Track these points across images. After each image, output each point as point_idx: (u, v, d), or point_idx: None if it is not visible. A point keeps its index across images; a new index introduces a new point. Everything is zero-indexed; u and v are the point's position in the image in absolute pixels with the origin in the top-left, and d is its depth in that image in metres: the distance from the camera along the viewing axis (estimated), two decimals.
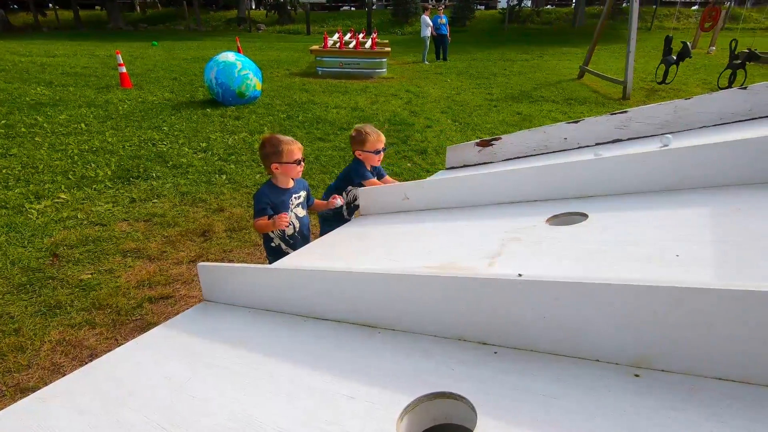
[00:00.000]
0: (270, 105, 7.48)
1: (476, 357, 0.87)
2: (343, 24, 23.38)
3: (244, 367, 1.06)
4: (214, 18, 29.49)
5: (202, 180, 4.41)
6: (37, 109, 6.78)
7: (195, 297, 2.68)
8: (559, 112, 7.40)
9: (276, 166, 2.14)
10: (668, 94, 8.48)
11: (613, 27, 20.95)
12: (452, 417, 0.80)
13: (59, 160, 4.77)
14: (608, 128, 2.39)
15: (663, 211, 1.37)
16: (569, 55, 14.98)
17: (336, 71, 10.69)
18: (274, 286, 1.34)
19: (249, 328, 1.28)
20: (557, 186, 1.72)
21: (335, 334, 1.11)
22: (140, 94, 8.10)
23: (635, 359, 0.73)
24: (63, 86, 8.61)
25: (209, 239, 3.34)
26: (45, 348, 2.21)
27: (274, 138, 2.16)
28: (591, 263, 1.11)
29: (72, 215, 3.62)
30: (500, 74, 11.20)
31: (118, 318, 2.44)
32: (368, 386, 0.86)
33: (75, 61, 12.01)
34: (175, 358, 1.19)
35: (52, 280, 2.76)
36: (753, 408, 0.61)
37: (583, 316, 0.76)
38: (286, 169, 2.15)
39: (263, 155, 2.18)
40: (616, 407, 0.66)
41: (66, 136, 5.58)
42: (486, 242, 1.46)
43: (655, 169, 1.50)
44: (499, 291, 0.85)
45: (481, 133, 6.21)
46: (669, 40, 8.98)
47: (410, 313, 1.02)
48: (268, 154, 2.14)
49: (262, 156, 2.20)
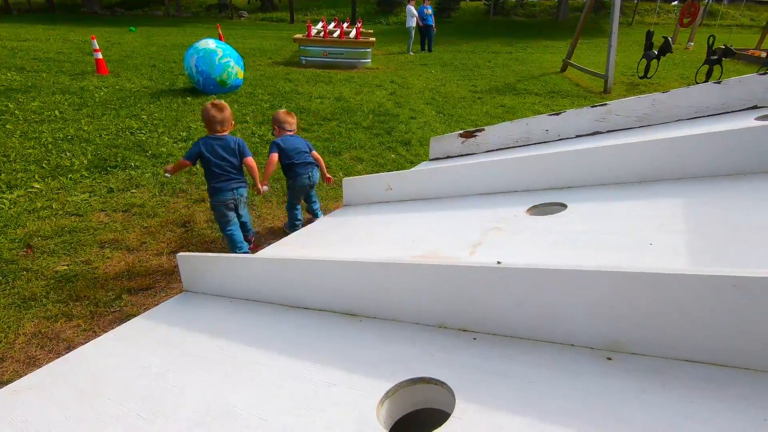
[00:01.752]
0: (252, 94, 7.35)
1: (456, 343, 0.88)
2: (327, 13, 23.05)
3: (224, 356, 1.06)
4: (194, 3, 28.70)
5: (183, 170, 4.32)
6: (7, 95, 6.52)
7: (175, 288, 2.64)
8: (542, 105, 7.47)
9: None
10: (648, 88, 8.63)
11: (596, 21, 21.17)
12: (432, 401, 0.81)
13: (32, 149, 4.61)
14: (588, 121, 2.43)
15: (639, 201, 1.40)
16: (552, 48, 15.09)
17: (320, 60, 10.55)
18: (255, 276, 1.33)
19: (230, 318, 1.27)
20: (538, 177, 1.74)
21: (317, 323, 1.12)
22: (117, 82, 7.86)
23: (608, 343, 0.75)
24: (35, 72, 8.29)
25: (190, 230, 3.29)
26: (20, 341, 2.15)
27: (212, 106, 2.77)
28: (568, 251, 1.13)
29: (47, 205, 3.51)
30: (485, 66, 11.22)
31: (96, 310, 2.39)
32: (349, 373, 0.87)
33: (48, 46, 11.56)
34: (154, 349, 1.17)
35: (26, 271, 2.68)
36: (722, 389, 0.64)
37: (559, 302, 0.78)
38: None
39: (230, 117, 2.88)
40: (590, 390, 0.68)
41: (39, 124, 5.39)
42: (467, 232, 1.48)
43: (632, 160, 1.53)
44: (478, 279, 0.87)
45: (465, 124, 6.23)
46: (650, 35, 9.11)
47: (392, 301, 1.02)
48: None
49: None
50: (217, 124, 2.62)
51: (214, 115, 2.60)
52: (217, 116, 2.61)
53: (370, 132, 5.68)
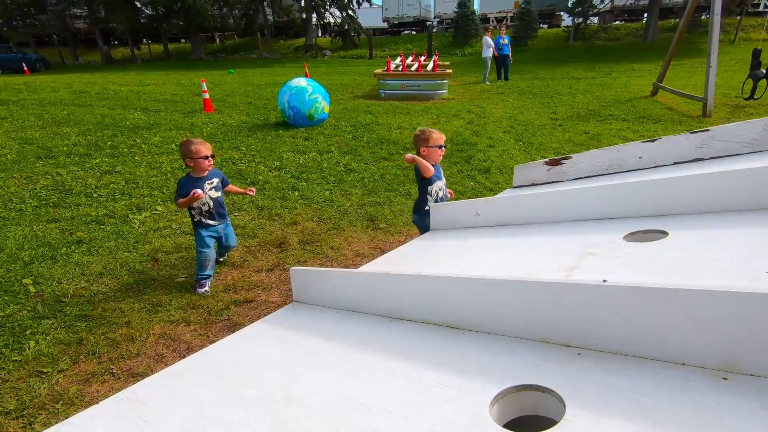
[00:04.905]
0: (337, 126, 7.88)
1: (561, 357, 0.93)
2: (404, 48, 24.06)
3: (339, 356, 1.20)
4: (283, 46, 31.58)
5: (277, 196, 4.75)
6: (135, 132, 7.66)
7: (274, 302, 2.90)
8: (631, 130, 7.10)
9: (189, 161, 2.88)
10: (757, 110, 7.84)
11: (690, 41, 19.71)
12: (539, 408, 0.87)
13: (155, 177, 5.37)
14: (688, 147, 2.33)
15: (750, 229, 1.34)
16: (640, 71, 14.31)
17: (398, 93, 11.02)
18: (361, 289, 1.48)
19: (338, 326, 1.42)
20: (634, 204, 1.72)
21: (421, 333, 1.22)
22: (220, 118, 8.87)
23: (723, 364, 0.77)
24: (156, 111, 9.65)
25: (285, 250, 3.60)
26: (150, 340, 2.51)
27: (187, 140, 2.91)
28: (673, 277, 1.13)
29: (167, 225, 4.06)
30: (565, 93, 10.95)
31: (209, 317, 2.71)
32: (458, 377, 0.96)
33: (165, 89, 13.40)
34: (277, 348, 1.35)
35: (153, 281, 3.13)
36: None
37: (668, 320, 0.81)
38: (196, 163, 2.88)
39: (181, 154, 2.97)
40: (705, 404, 0.71)
41: (160, 156, 6.26)
42: (561, 256, 1.51)
43: (741, 187, 1.48)
44: (583, 295, 0.92)
45: (546, 152, 6.12)
46: (757, 53, 8.34)
47: (493, 315, 1.10)
48: (183, 153, 2.92)
49: (181, 155, 2.99)
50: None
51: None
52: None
53: (448, 160, 5.81)
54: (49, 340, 2.49)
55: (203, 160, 2.87)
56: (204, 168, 2.91)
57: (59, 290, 3.01)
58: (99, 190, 4.93)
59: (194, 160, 2.86)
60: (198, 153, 2.84)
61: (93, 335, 2.54)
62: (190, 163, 2.87)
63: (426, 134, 2.75)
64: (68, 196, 4.73)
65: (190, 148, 2.84)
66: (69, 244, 3.66)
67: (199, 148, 2.85)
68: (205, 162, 2.88)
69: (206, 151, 2.88)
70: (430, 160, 2.75)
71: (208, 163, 2.90)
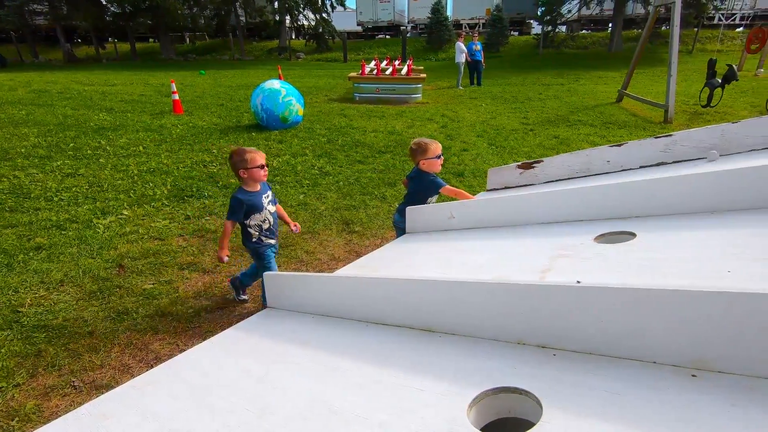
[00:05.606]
0: (311, 129, 7.81)
1: (537, 358, 0.94)
2: (378, 52, 24.14)
3: (315, 363, 1.17)
4: (256, 48, 31.13)
5: None
6: (100, 133, 7.37)
7: (246, 309, 2.83)
8: (598, 135, 7.34)
9: (243, 172, 2.50)
10: (713, 117, 8.26)
11: (652, 50, 20.62)
12: (516, 411, 0.87)
13: (121, 180, 5.17)
14: (652, 151, 2.42)
15: (713, 231, 1.40)
16: (606, 78, 14.84)
17: (373, 97, 11.04)
18: (336, 294, 1.46)
19: (314, 332, 1.40)
20: (603, 206, 1.77)
21: (397, 337, 1.21)
22: (191, 120, 8.64)
23: (693, 361, 0.79)
24: (122, 112, 9.31)
25: None
26: (115, 350, 2.40)
27: (239, 149, 2.53)
28: (642, 278, 1.16)
29: (134, 230, 3.91)
30: (535, 98, 11.23)
31: (178, 325, 2.62)
32: (435, 381, 0.95)
33: (132, 89, 12.97)
34: (249, 356, 1.31)
35: (119, 288, 2.99)
36: None
37: (639, 320, 0.83)
38: (251, 173, 2.50)
39: (232, 164, 2.54)
40: (676, 403, 0.72)
41: (126, 158, 6.04)
42: (535, 258, 1.53)
43: (704, 190, 1.54)
44: (558, 297, 0.93)
45: (518, 156, 6.24)
46: (713, 63, 8.79)
47: (470, 318, 1.10)
48: (235, 162, 2.50)
49: (232, 165, 2.55)
50: None
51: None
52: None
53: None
54: (3, 353, 2.35)
55: (259, 170, 2.51)
56: (259, 179, 2.56)
57: (15, 299, 2.84)
58: (60, 193, 4.71)
59: (249, 171, 2.49)
60: (253, 162, 2.49)
61: (52, 346, 2.41)
62: (243, 174, 2.50)
63: (423, 146, 2.68)
64: (26, 200, 4.49)
65: (245, 157, 2.47)
66: (27, 251, 3.47)
67: (255, 157, 2.50)
68: (260, 172, 2.53)
69: (261, 159, 2.53)
70: (431, 170, 2.72)
71: (263, 173, 2.55)
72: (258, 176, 2.53)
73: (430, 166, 2.71)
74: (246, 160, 2.48)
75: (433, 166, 2.73)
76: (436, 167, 2.74)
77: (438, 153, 2.71)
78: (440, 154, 2.74)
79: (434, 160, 2.72)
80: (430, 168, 2.72)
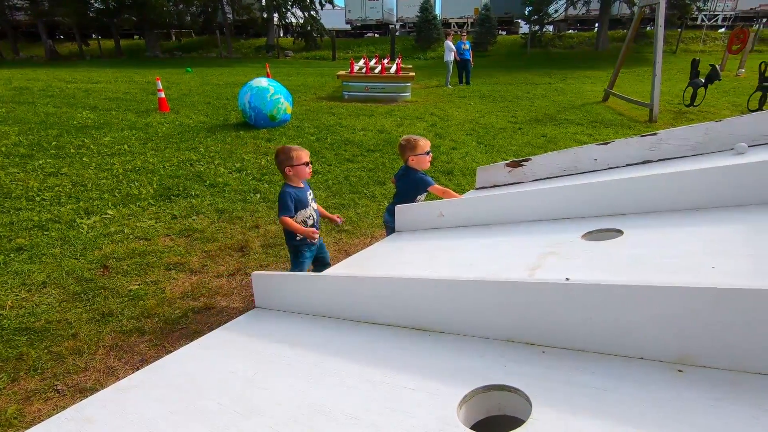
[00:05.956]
0: (300, 127, 7.76)
1: (526, 356, 0.94)
2: (367, 50, 24.09)
3: (305, 364, 1.16)
4: (244, 45, 30.83)
5: (238, 198, 4.61)
6: (83, 131, 7.23)
7: (235, 308, 2.80)
8: (585, 134, 7.42)
9: (289, 169, 2.53)
10: (697, 116, 8.41)
11: (638, 50, 20.92)
12: (506, 408, 0.87)
13: (106, 179, 5.08)
14: (638, 150, 2.45)
15: (698, 228, 1.42)
16: (593, 78, 15.02)
17: (362, 95, 11.01)
18: (326, 293, 1.44)
19: (303, 331, 1.38)
20: (591, 204, 1.79)
21: (388, 336, 1.20)
22: (177, 118, 8.53)
23: (678, 357, 0.79)
24: (106, 110, 9.15)
25: (246, 254, 3.49)
26: (100, 352, 2.35)
27: (285, 147, 2.56)
28: (629, 274, 1.17)
29: (119, 230, 3.84)
30: (524, 97, 11.31)
31: (165, 326, 2.58)
32: (426, 380, 0.94)
33: (116, 87, 12.74)
34: (238, 357, 1.29)
35: (103, 289, 2.94)
36: None
37: (626, 317, 0.84)
38: (297, 170, 2.54)
39: (279, 162, 2.57)
40: (662, 398, 0.73)
41: (111, 157, 5.93)
42: (523, 256, 1.54)
43: (689, 187, 1.56)
44: (546, 295, 0.93)
45: (507, 155, 6.28)
46: (696, 63, 8.95)
47: (460, 316, 1.10)
48: (282, 160, 2.54)
49: (278, 163, 2.58)
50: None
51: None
52: None
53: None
54: None
55: (304, 167, 2.55)
56: (305, 176, 2.60)
57: None
58: (42, 193, 4.61)
59: (294, 168, 2.52)
60: (299, 159, 2.52)
61: (35, 349, 2.35)
62: (289, 171, 2.53)
63: (412, 142, 2.70)
64: (6, 200, 4.38)
65: (292, 155, 2.51)
66: (7, 252, 3.39)
67: (300, 154, 2.53)
68: (306, 169, 2.57)
69: (306, 157, 2.57)
70: (420, 167, 2.74)
71: (309, 170, 2.60)
72: (303, 173, 2.57)
73: (419, 162, 2.72)
74: (292, 158, 2.51)
75: (422, 163, 2.74)
76: (425, 164, 2.75)
77: (427, 149, 2.72)
78: (429, 151, 2.74)
79: (423, 157, 2.72)
80: (419, 164, 2.73)
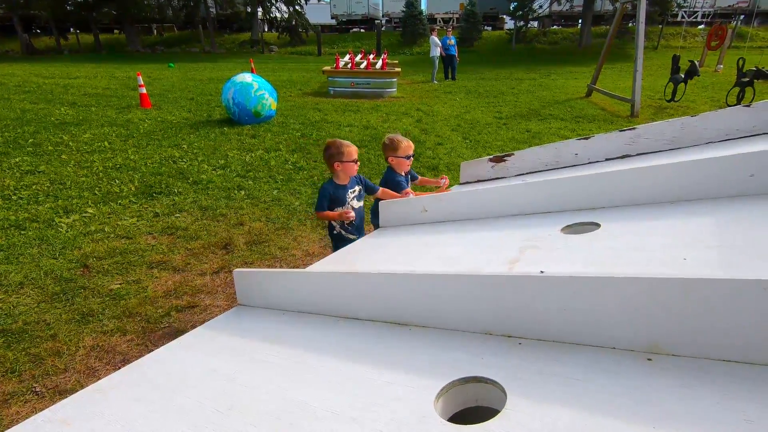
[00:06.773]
0: (285, 124, 7.70)
1: (503, 348, 0.96)
2: (353, 45, 23.96)
3: (286, 361, 1.16)
4: (227, 40, 30.38)
5: (222, 195, 4.56)
6: (62, 128, 7.06)
7: (219, 306, 2.78)
8: (568, 129, 7.52)
9: (338, 165, 2.47)
10: (677, 111, 8.58)
11: (620, 46, 21.21)
12: (482, 400, 0.89)
13: (85, 177, 4.97)
14: (617, 144, 2.49)
15: (672, 220, 1.45)
16: (576, 73, 15.19)
17: (348, 91, 10.96)
18: (307, 289, 1.44)
19: (285, 328, 1.38)
20: (570, 198, 1.81)
21: (369, 332, 1.21)
22: (159, 114, 8.39)
23: (648, 346, 0.82)
24: (86, 106, 8.95)
25: (231, 252, 3.47)
26: (80, 353, 2.31)
27: (337, 141, 2.51)
28: (605, 266, 1.19)
29: (99, 229, 3.77)
30: (508, 93, 11.40)
31: (147, 326, 2.55)
32: (404, 374, 0.95)
33: (96, 83, 12.46)
34: (219, 355, 1.29)
35: (83, 289, 2.89)
36: (756, 385, 0.70)
37: (599, 307, 0.86)
38: (346, 167, 2.49)
39: (328, 156, 2.50)
40: (633, 386, 0.75)
41: (91, 154, 5.81)
42: (505, 250, 1.56)
43: (664, 181, 1.59)
44: (522, 287, 0.95)
45: (491, 150, 6.33)
46: (676, 59, 9.12)
47: (439, 310, 1.11)
48: (332, 154, 2.47)
49: (327, 156, 2.51)
50: None
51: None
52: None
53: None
54: None
55: (353, 165, 2.51)
56: (352, 173, 2.56)
57: None
58: (19, 191, 4.49)
59: (344, 164, 2.47)
60: (350, 156, 2.47)
61: (12, 351, 2.30)
62: (338, 166, 2.48)
63: (395, 143, 2.66)
64: None
65: (343, 150, 2.45)
66: None
67: (351, 151, 2.47)
68: (354, 166, 2.53)
69: (355, 154, 2.52)
70: (398, 169, 2.71)
71: (356, 167, 2.56)
72: (352, 170, 2.54)
73: (398, 164, 2.69)
74: (343, 153, 2.45)
75: (400, 166, 2.70)
76: (403, 167, 2.71)
77: (408, 153, 2.68)
78: (411, 155, 2.69)
79: (402, 160, 2.68)
80: (397, 167, 2.70)
